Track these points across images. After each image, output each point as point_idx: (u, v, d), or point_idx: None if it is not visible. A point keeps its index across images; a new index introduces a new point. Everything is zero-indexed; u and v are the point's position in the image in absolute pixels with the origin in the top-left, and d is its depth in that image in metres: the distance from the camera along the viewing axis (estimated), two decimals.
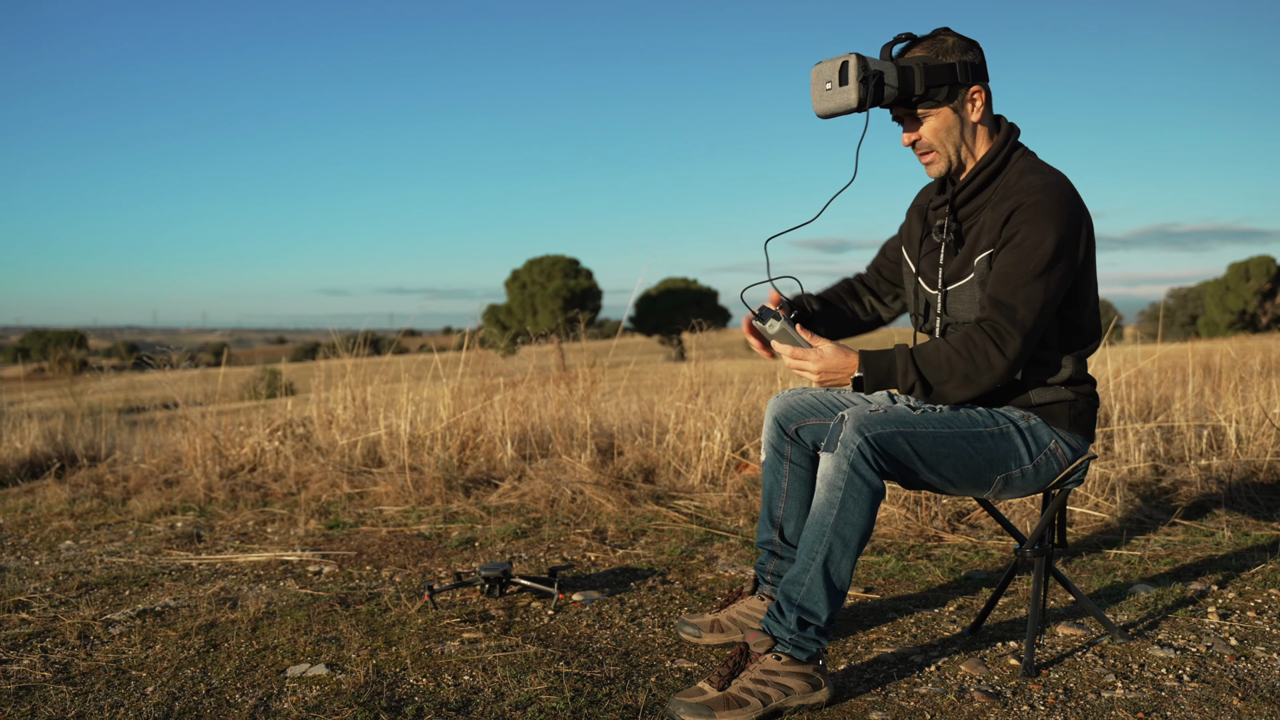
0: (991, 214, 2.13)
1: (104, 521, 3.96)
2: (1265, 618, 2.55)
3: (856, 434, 2.01)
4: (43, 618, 2.68)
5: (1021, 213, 2.05)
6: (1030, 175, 2.12)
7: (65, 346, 39.19)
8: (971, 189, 2.19)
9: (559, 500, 3.97)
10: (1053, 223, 2.03)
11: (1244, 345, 8.93)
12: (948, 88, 2.11)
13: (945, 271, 2.23)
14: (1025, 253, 2.03)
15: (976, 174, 2.17)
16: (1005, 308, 2.04)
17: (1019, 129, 2.21)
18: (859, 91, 2.06)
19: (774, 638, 2.06)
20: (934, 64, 2.10)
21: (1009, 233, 2.07)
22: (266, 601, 2.79)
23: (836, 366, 2.09)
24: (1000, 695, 2.09)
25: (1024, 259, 2.04)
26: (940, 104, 2.13)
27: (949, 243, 2.22)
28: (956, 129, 2.16)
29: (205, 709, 2.06)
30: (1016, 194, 2.09)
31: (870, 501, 2.02)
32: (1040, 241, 2.03)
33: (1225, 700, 2.04)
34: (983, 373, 2.05)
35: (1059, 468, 2.18)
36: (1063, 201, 2.06)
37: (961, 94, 2.13)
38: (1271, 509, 3.66)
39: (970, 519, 3.57)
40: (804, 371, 2.10)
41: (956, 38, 2.13)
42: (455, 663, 2.31)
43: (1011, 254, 2.05)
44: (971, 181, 2.18)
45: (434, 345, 5.78)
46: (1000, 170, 2.17)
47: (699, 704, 1.98)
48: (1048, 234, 2.03)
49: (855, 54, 2.08)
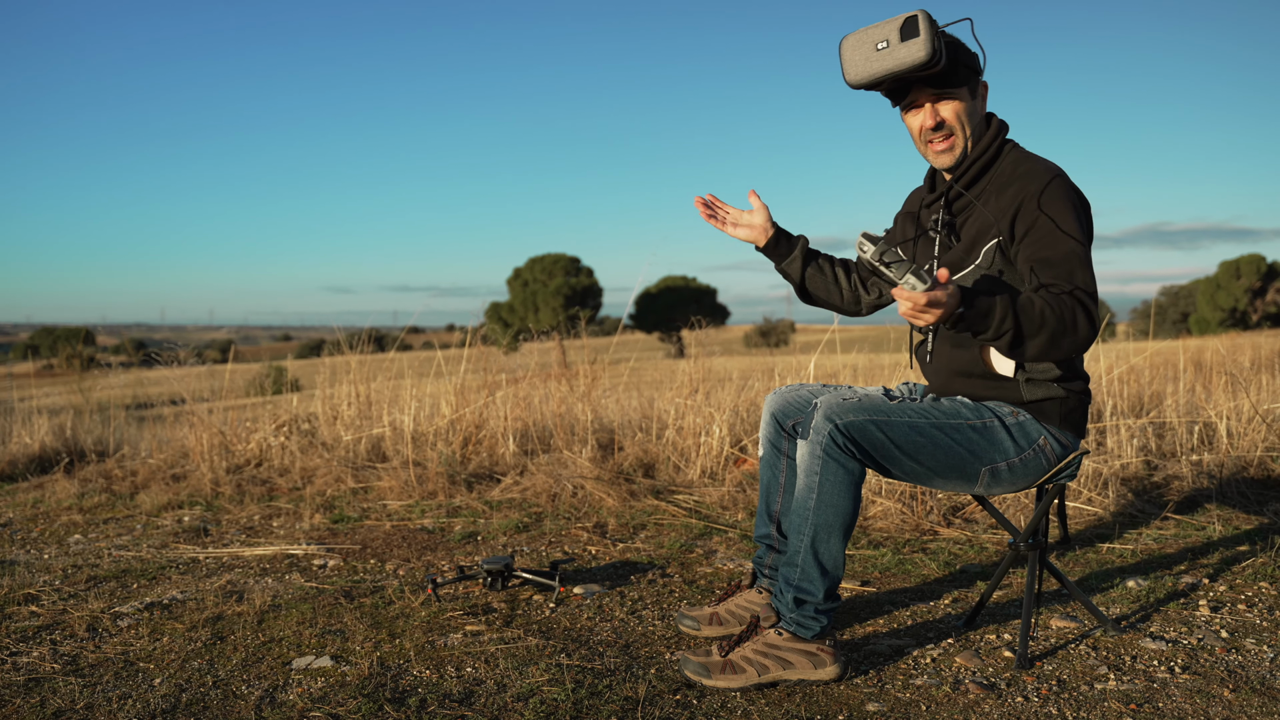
0: (995, 203, 2.15)
1: (112, 516, 4.00)
2: (1255, 610, 2.58)
3: (826, 421, 2.06)
4: (52, 610, 2.72)
5: (1032, 200, 2.08)
6: (1027, 163, 2.16)
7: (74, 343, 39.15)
8: (966, 180, 2.21)
9: (560, 495, 4.00)
10: (1067, 201, 2.08)
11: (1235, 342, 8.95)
12: (972, 73, 2.16)
13: (941, 263, 2.25)
14: (1058, 234, 2.05)
15: (971, 165, 2.21)
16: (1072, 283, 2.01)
17: (1008, 124, 2.25)
18: (932, 43, 2.02)
19: (779, 614, 2.15)
20: (963, 46, 2.15)
21: (1029, 219, 2.08)
22: (272, 594, 2.83)
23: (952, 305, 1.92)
24: (994, 686, 2.12)
25: (1060, 238, 2.05)
26: (961, 86, 2.16)
27: (943, 236, 2.25)
28: (973, 116, 2.20)
29: (212, 700, 2.09)
30: (1019, 181, 2.12)
31: (847, 484, 2.07)
32: (1065, 222, 2.06)
33: (1216, 692, 2.07)
34: (1067, 334, 1.97)
35: (1048, 464, 2.20)
36: (1066, 183, 2.12)
37: (975, 81, 2.19)
38: (1262, 503, 3.69)
39: (965, 513, 3.60)
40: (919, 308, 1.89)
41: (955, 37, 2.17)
42: (458, 655, 2.34)
43: (1047, 237, 2.05)
44: (966, 172, 2.21)
45: (437, 342, 5.82)
46: (993, 162, 2.21)
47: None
48: (1068, 213, 2.07)
49: (923, 10, 2.03)
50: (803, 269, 2.49)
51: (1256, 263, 40.40)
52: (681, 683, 2.14)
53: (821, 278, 2.51)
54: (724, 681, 2.09)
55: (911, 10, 2.05)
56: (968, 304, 1.97)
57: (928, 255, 2.29)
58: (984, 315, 1.98)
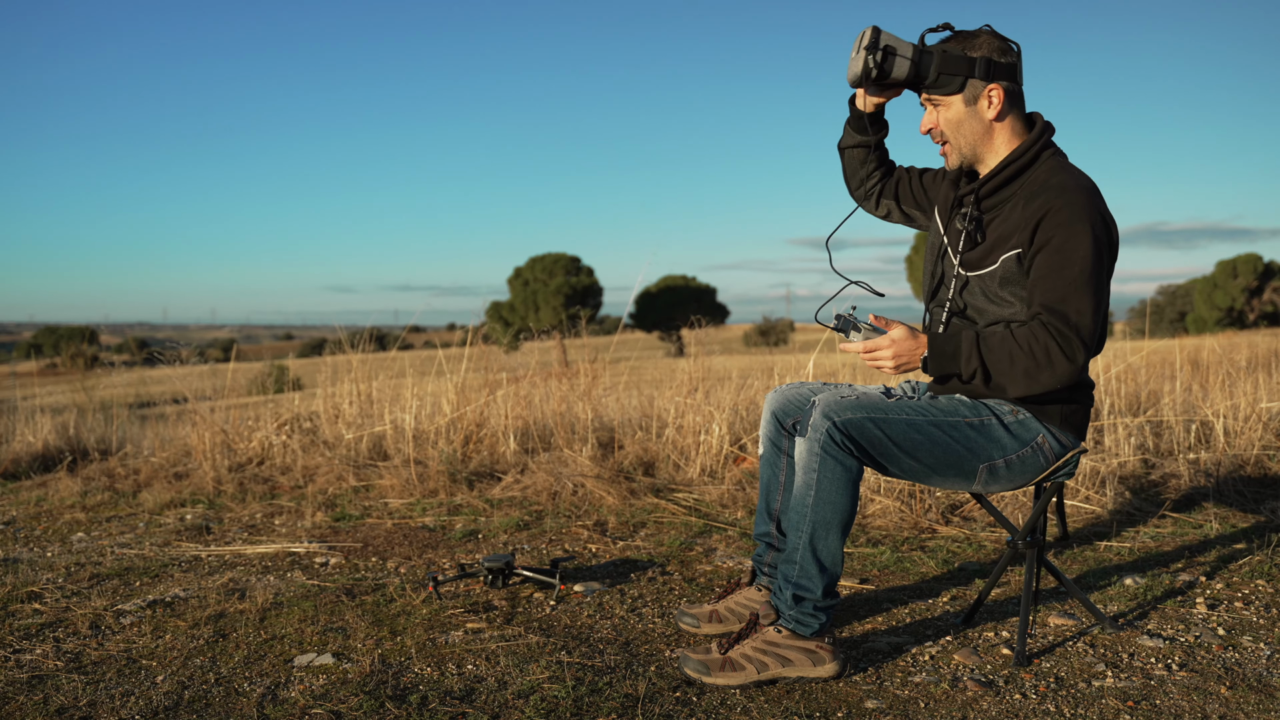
0: (1021, 211, 2.14)
1: (115, 514, 4.01)
2: (1252, 608, 2.60)
3: (824, 418, 2.07)
4: (55, 608, 2.73)
5: (1054, 216, 2.06)
6: (1060, 175, 2.13)
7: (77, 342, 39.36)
8: (996, 183, 2.20)
9: (561, 493, 4.02)
10: (1086, 224, 2.05)
11: (1231, 341, 8.95)
12: (960, 79, 2.15)
13: (965, 258, 2.24)
14: (1066, 256, 2.05)
15: (1002, 169, 2.18)
16: (1058, 313, 2.05)
17: (1053, 128, 2.22)
18: (866, 60, 2.14)
19: (778, 612, 2.16)
20: (953, 54, 2.14)
21: (1043, 238, 2.07)
22: (274, 592, 2.84)
23: (908, 350, 2.12)
24: (993, 684, 2.13)
25: (1066, 263, 2.05)
26: (951, 93, 2.16)
27: (970, 230, 2.23)
28: (969, 124, 2.18)
29: (214, 697, 2.11)
30: (1045, 193, 2.10)
31: (845, 481, 2.08)
32: (1078, 245, 2.04)
33: (1213, 689, 2.08)
34: (1043, 369, 2.05)
35: (1045, 462, 2.21)
36: (1093, 203, 2.08)
37: (975, 89, 2.16)
38: (1258, 501, 3.70)
39: (964, 512, 3.62)
40: (880, 362, 2.13)
41: (991, 37, 2.16)
42: (459, 652, 2.36)
43: (1052, 257, 2.06)
44: (996, 176, 2.19)
45: (438, 341, 5.83)
46: (1029, 166, 2.18)
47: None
48: (1083, 236, 2.04)
49: (874, 26, 2.16)
50: (855, 146, 2.50)
51: (1253, 262, 40.50)
52: (681, 680, 2.15)
53: (855, 162, 2.51)
54: (723, 679, 2.10)
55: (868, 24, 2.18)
56: (931, 349, 2.10)
57: (956, 237, 2.28)
58: (951, 357, 2.11)
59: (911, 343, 2.13)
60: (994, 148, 2.21)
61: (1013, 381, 2.09)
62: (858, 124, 2.43)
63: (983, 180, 2.22)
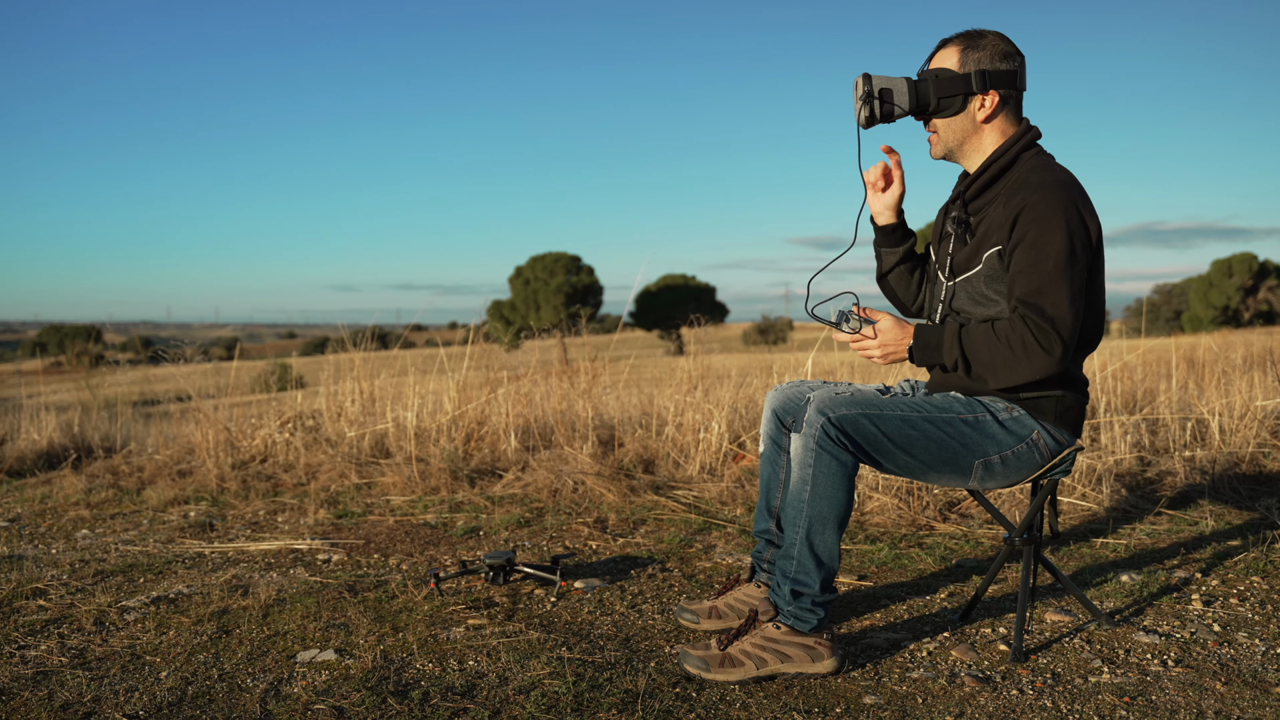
0: (1002, 209, 2.17)
1: (119, 511, 4.03)
2: (1247, 604, 2.61)
3: (819, 414, 2.09)
4: (60, 604, 2.75)
5: (1029, 211, 2.09)
6: (1039, 173, 2.15)
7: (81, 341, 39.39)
8: (981, 183, 2.24)
9: (561, 490, 4.03)
10: (1060, 217, 2.07)
11: (1227, 340, 8.95)
12: (960, 97, 2.19)
13: (954, 261, 2.27)
14: (1041, 251, 2.07)
15: (986, 168, 2.22)
16: (1034, 306, 2.07)
17: (1039, 132, 2.25)
18: (868, 109, 2.20)
19: (776, 608, 2.17)
20: (948, 76, 2.17)
21: (1019, 233, 2.10)
22: (277, 589, 2.86)
23: (895, 340, 2.18)
24: (990, 679, 2.15)
25: (1041, 257, 2.07)
26: (955, 114, 2.22)
27: (959, 233, 2.27)
28: (959, 121, 2.23)
29: (217, 693, 2.12)
30: (1023, 190, 2.13)
31: (841, 477, 2.10)
32: (1053, 239, 2.06)
33: (1209, 685, 2.10)
34: (1019, 361, 2.08)
35: (1041, 459, 2.22)
36: (1069, 198, 2.09)
37: (974, 101, 2.20)
38: (1254, 499, 3.71)
39: (961, 509, 3.63)
40: (868, 352, 2.19)
41: (997, 41, 2.19)
42: (460, 648, 2.37)
43: (1028, 252, 2.08)
44: (981, 176, 2.23)
45: (440, 340, 5.85)
46: (1010, 166, 2.21)
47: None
48: (1057, 230, 2.06)
49: (864, 74, 2.21)
50: (896, 264, 2.50)
51: (1248, 261, 40.58)
52: (681, 676, 2.17)
53: (904, 279, 2.52)
54: (723, 675, 2.12)
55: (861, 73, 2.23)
56: (916, 339, 2.16)
57: (947, 251, 2.32)
58: (935, 347, 2.16)
59: (898, 333, 2.18)
60: (980, 146, 2.24)
61: (992, 372, 2.13)
62: (888, 239, 2.46)
63: (968, 183, 2.27)
